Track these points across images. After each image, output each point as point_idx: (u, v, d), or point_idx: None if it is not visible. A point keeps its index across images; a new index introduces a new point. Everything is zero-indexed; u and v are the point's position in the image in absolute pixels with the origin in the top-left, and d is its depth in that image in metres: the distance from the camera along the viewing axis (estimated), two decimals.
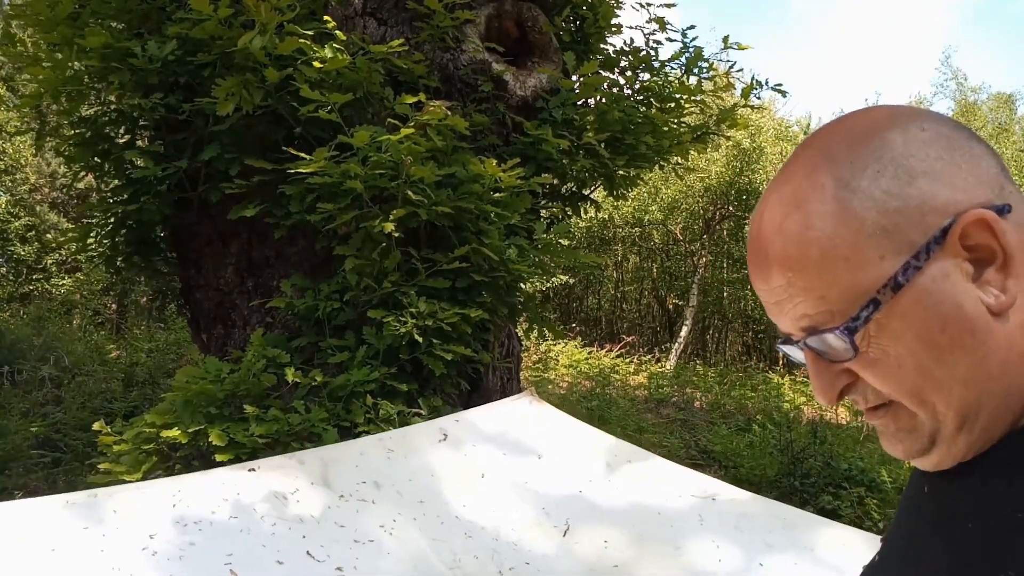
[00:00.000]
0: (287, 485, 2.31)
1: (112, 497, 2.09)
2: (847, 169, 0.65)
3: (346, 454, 2.59)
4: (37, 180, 13.22)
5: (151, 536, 1.95)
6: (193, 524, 2.04)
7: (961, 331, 0.62)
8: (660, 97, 4.75)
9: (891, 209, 0.63)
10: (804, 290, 0.66)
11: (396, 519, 2.33)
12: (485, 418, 3.00)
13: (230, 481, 2.26)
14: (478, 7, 4.21)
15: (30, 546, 1.80)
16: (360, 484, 2.43)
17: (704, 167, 14.76)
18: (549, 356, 12.25)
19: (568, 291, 17.50)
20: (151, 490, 2.19)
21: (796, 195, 0.66)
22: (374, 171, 3.35)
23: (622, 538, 2.47)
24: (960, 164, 0.64)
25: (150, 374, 8.60)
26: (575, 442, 2.97)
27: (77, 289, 12.21)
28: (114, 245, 4.14)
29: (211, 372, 3.37)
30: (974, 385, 0.63)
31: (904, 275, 0.62)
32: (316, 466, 2.45)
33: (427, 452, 2.70)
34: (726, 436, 9.03)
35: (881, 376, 0.66)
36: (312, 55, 3.45)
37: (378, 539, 2.23)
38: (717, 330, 18.22)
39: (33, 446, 6.56)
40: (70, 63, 3.67)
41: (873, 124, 0.66)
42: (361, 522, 2.27)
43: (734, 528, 2.51)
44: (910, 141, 0.64)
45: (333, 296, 3.60)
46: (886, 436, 0.70)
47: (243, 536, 2.06)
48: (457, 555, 2.27)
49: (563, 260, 4.44)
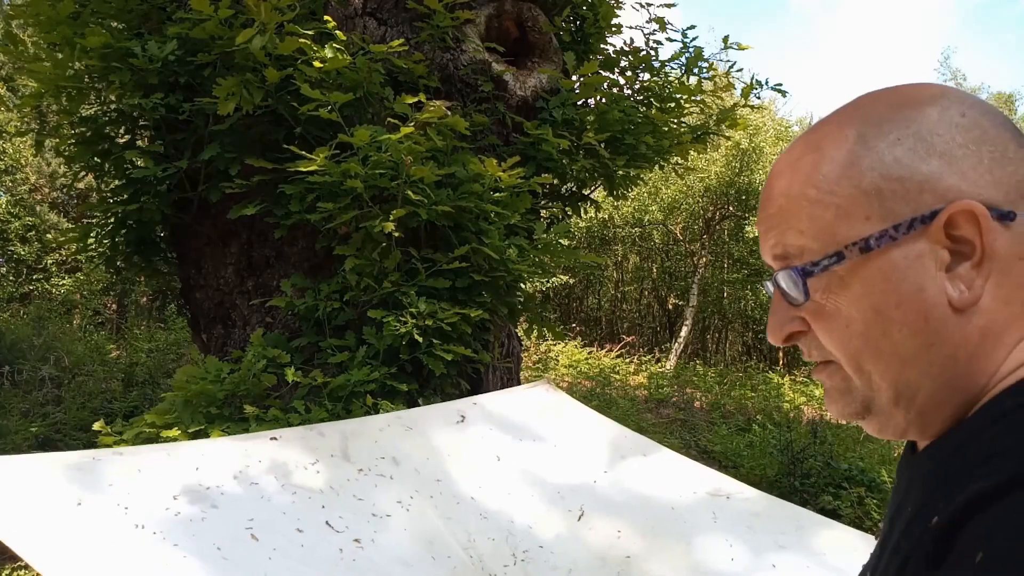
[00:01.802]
0: (307, 456, 2.34)
1: (137, 456, 2.11)
2: (874, 129, 0.66)
3: (366, 428, 2.61)
4: (37, 180, 13.23)
5: (174, 497, 1.97)
6: (215, 488, 2.06)
7: (915, 313, 0.63)
8: (660, 97, 4.75)
9: (894, 176, 0.64)
10: (790, 219, 0.68)
11: (413, 496, 2.35)
12: (502, 403, 3.01)
13: (252, 449, 2.29)
14: (478, 7, 4.21)
15: (58, 498, 1.83)
16: (379, 459, 2.45)
17: (704, 167, 14.77)
18: (549, 356, 12.25)
19: (568, 291, 17.50)
20: (176, 452, 2.21)
21: (821, 138, 0.69)
22: (374, 171, 3.35)
23: (634, 530, 2.48)
24: (983, 159, 0.63)
25: (150, 374, 8.60)
26: (590, 432, 2.98)
27: (77, 289, 12.21)
28: (114, 245, 4.14)
29: (211, 372, 3.38)
30: (914, 367, 0.64)
31: (877, 241, 0.63)
32: (336, 439, 2.47)
33: (445, 432, 2.72)
34: (726, 436, 9.04)
35: (828, 331, 0.67)
36: (312, 55, 3.45)
37: (395, 514, 2.25)
38: (717, 330, 18.23)
39: (33, 446, 6.57)
40: (70, 63, 3.67)
41: (919, 96, 0.67)
42: (379, 496, 2.30)
43: (747, 528, 2.51)
44: (943, 121, 0.64)
45: (333, 296, 3.60)
46: (826, 394, 0.72)
47: (263, 503, 2.09)
48: (472, 536, 2.29)
49: (563, 260, 4.44)
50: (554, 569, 2.27)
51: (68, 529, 1.74)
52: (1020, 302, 0.62)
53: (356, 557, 2.01)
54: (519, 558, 2.27)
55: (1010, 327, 0.62)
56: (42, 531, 1.70)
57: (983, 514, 0.52)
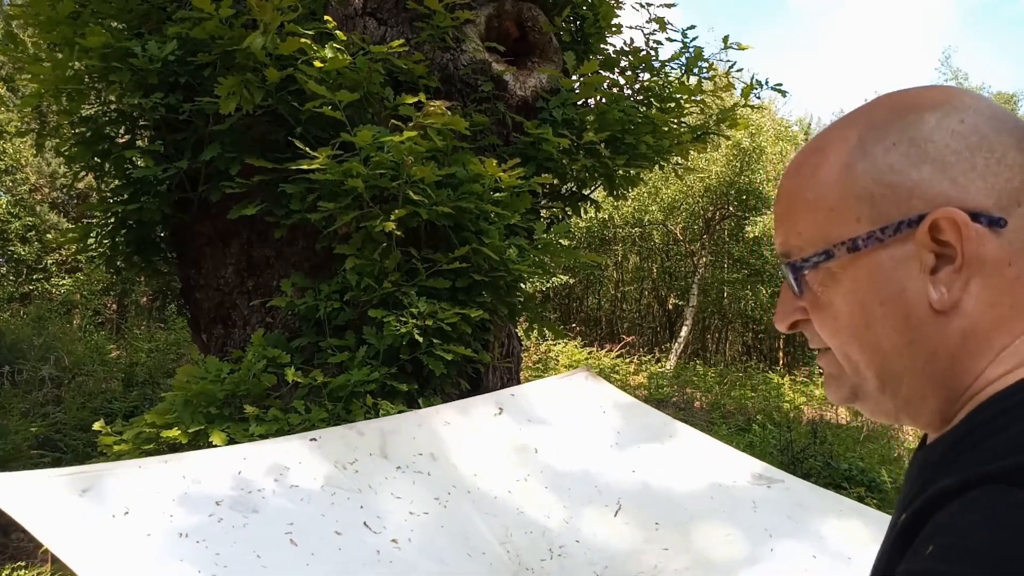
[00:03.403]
0: (347, 455, 2.36)
1: (182, 462, 2.14)
2: (873, 133, 0.69)
3: (404, 425, 2.63)
4: (37, 180, 13.23)
5: (217, 503, 2.00)
6: (257, 492, 2.10)
7: (897, 311, 0.66)
8: (660, 97, 4.75)
9: (885, 181, 0.66)
10: (792, 220, 0.73)
11: (451, 492, 2.36)
12: (541, 393, 3.01)
13: (293, 450, 2.32)
14: (478, 7, 4.21)
15: (108, 506, 1.86)
16: (417, 456, 2.47)
17: (704, 167, 14.77)
18: (549, 356, 12.25)
19: (568, 291, 17.50)
20: (220, 456, 2.25)
21: (825, 140, 0.72)
22: (375, 171, 3.35)
23: (672, 520, 2.47)
24: (976, 164, 0.65)
25: (150, 374, 8.60)
26: (630, 420, 2.96)
27: (77, 289, 12.21)
28: (114, 245, 4.14)
29: (211, 372, 3.38)
30: (897, 360, 0.68)
31: (865, 241, 0.66)
32: (375, 437, 2.49)
33: (483, 426, 2.73)
34: (726, 436, 9.03)
35: (821, 321, 0.72)
36: (312, 55, 3.45)
37: (432, 512, 2.27)
38: (717, 330, 18.23)
39: (33, 446, 6.56)
40: (70, 63, 3.67)
41: (920, 101, 0.69)
42: (417, 493, 2.31)
43: (788, 518, 2.49)
44: (940, 127, 0.66)
45: (333, 296, 3.60)
46: (824, 378, 0.77)
47: (303, 505, 2.11)
48: (509, 530, 2.29)
49: (563, 260, 4.44)
50: (591, 564, 2.27)
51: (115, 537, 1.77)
52: (1007, 305, 0.64)
53: (393, 559, 2.03)
54: (556, 553, 2.27)
55: (996, 329, 0.64)
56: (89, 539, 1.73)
57: (942, 510, 0.55)
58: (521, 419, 2.80)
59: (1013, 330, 0.64)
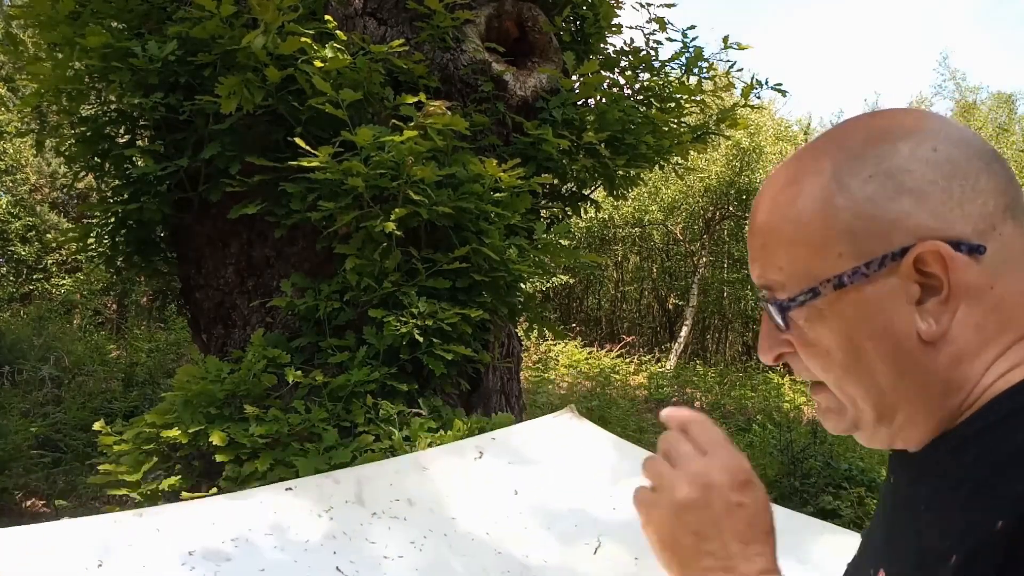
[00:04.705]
0: (322, 503, 2.37)
1: (157, 516, 2.18)
2: (847, 165, 0.68)
3: (381, 472, 2.64)
4: (37, 180, 13.23)
5: (190, 553, 2.02)
6: (230, 541, 2.11)
7: (887, 345, 0.66)
8: (660, 97, 4.75)
9: (866, 215, 0.66)
10: (770, 256, 0.72)
11: (427, 535, 2.36)
12: (523, 435, 3.02)
13: (268, 501, 2.34)
14: (478, 7, 4.21)
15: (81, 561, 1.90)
16: (394, 502, 2.47)
17: (704, 167, 14.76)
18: (549, 356, 12.25)
19: (568, 291, 17.51)
20: (193, 509, 2.29)
21: (799, 171, 0.71)
22: (375, 171, 3.35)
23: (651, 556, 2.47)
24: (953, 193, 0.65)
25: (150, 374, 8.60)
26: (611, 459, 2.96)
27: (77, 289, 12.20)
28: (114, 245, 4.14)
29: (211, 372, 3.37)
30: (890, 393, 0.68)
31: (851, 278, 0.66)
32: (351, 484, 2.50)
33: (462, 470, 2.73)
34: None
35: (812, 357, 0.71)
36: (313, 55, 3.45)
37: (407, 555, 2.26)
38: (717, 330, 18.23)
39: (33, 446, 6.56)
40: (70, 63, 3.67)
41: (892, 129, 0.69)
42: (392, 538, 2.31)
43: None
44: (915, 158, 0.66)
45: (333, 296, 3.60)
46: (819, 412, 0.76)
47: (276, 551, 2.13)
48: (487, 571, 2.29)
49: (563, 260, 4.44)
50: None
51: None
52: (994, 323, 0.65)
53: None
54: None
55: (985, 346, 0.65)
56: None
57: None
58: (502, 462, 2.80)
59: (1002, 342, 0.65)
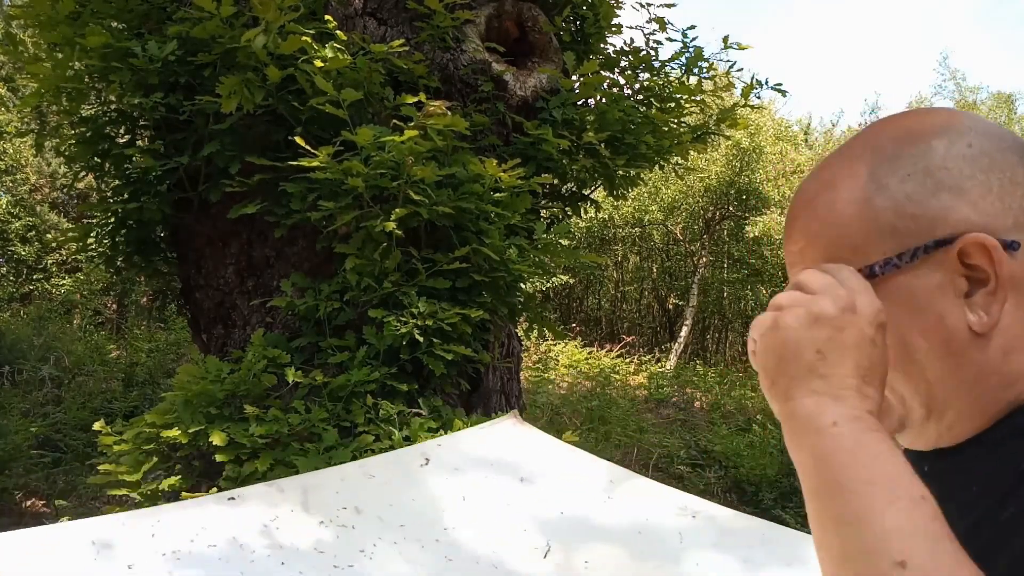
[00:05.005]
0: (267, 513, 2.31)
1: (92, 528, 2.10)
2: (884, 166, 0.69)
3: (327, 480, 2.59)
4: (37, 180, 13.23)
5: (129, 567, 1.94)
6: (171, 554, 2.03)
7: (938, 340, 0.66)
8: (660, 97, 4.75)
9: (907, 213, 0.67)
10: (812, 260, 0.71)
11: (376, 543, 2.33)
12: (468, 442, 3.00)
13: (210, 511, 2.27)
14: (478, 7, 4.21)
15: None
16: (341, 510, 2.43)
17: (704, 167, 14.76)
18: (549, 356, 12.25)
19: (568, 291, 17.51)
20: (131, 521, 2.19)
21: (834, 176, 0.72)
22: (376, 171, 3.35)
23: (603, 559, 2.47)
24: (992, 187, 0.66)
25: (150, 374, 8.61)
26: (558, 464, 2.96)
27: (77, 289, 12.20)
28: (114, 245, 4.14)
29: (211, 372, 3.38)
30: (941, 388, 0.67)
31: (882, 268, 0.66)
32: (296, 493, 2.45)
33: (409, 477, 2.71)
34: (726, 436, 9.04)
35: None
36: (313, 54, 3.45)
37: (358, 564, 2.23)
38: (717, 330, 18.23)
39: (33, 446, 6.57)
40: (70, 63, 3.67)
41: (924, 128, 0.69)
42: (341, 547, 2.27)
43: (713, 546, 2.51)
44: (951, 155, 0.67)
45: (333, 296, 3.60)
46: None
47: (221, 564, 2.06)
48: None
49: (563, 260, 4.44)
50: None
51: None
52: None
53: None
54: None
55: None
56: None
57: None
58: (448, 468, 2.78)
59: None
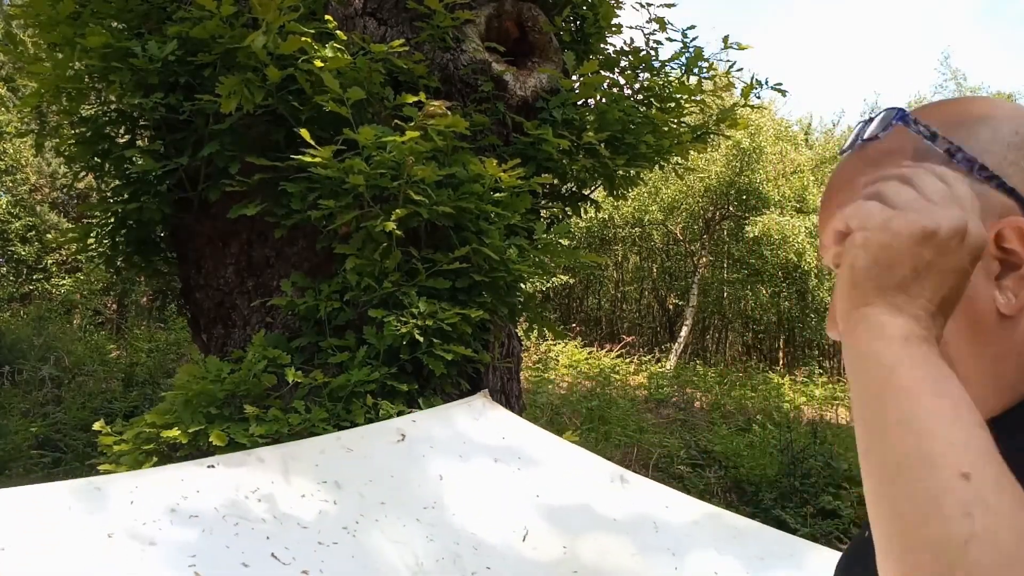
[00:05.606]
0: (248, 483, 2.27)
1: (67, 492, 2.00)
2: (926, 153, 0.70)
3: (306, 452, 2.56)
4: (37, 180, 13.23)
5: (109, 535, 1.87)
6: (152, 523, 1.96)
7: (966, 320, 0.67)
8: (660, 97, 4.75)
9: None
10: None
11: (359, 521, 2.32)
12: (441, 419, 2.99)
13: (189, 477, 2.20)
14: (478, 7, 4.21)
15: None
16: (321, 484, 2.42)
17: (704, 167, 14.77)
18: (549, 356, 12.26)
19: (568, 291, 17.51)
20: (108, 487, 2.10)
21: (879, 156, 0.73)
22: (376, 170, 3.35)
23: (579, 545, 2.48)
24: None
25: (150, 374, 8.61)
26: (531, 445, 2.96)
27: (77, 289, 12.20)
28: (114, 245, 4.14)
29: (211, 372, 3.38)
30: (962, 367, 0.67)
31: None
32: (276, 464, 2.41)
33: (386, 453, 2.69)
34: (726, 436, 9.04)
35: None
36: (313, 54, 3.45)
37: (342, 541, 2.21)
38: (717, 330, 18.23)
39: (33, 446, 6.57)
40: (70, 63, 3.67)
41: (967, 115, 0.71)
42: (324, 523, 2.25)
43: (686, 536, 2.53)
44: (996, 140, 0.69)
45: (333, 296, 3.60)
46: None
47: (205, 536, 2.01)
48: (420, 559, 2.27)
49: (563, 260, 4.44)
50: None
51: None
52: None
53: None
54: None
55: None
56: None
57: None
58: (424, 446, 2.76)
59: None
